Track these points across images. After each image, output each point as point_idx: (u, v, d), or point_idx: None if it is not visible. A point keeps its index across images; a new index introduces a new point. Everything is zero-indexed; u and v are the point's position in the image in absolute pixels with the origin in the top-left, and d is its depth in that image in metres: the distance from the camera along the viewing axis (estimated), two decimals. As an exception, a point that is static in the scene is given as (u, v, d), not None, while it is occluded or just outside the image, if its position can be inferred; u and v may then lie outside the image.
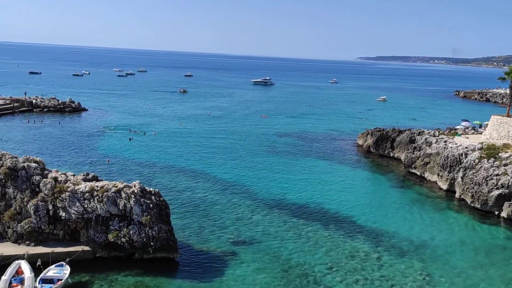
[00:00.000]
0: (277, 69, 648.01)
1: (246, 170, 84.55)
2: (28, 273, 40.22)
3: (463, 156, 78.11)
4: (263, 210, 63.39)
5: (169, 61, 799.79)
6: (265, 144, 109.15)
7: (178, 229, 53.12)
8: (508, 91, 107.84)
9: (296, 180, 79.55)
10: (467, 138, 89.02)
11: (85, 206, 47.08)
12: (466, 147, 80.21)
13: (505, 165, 70.48)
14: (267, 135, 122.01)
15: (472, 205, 69.54)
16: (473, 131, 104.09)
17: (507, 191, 66.50)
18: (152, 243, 46.13)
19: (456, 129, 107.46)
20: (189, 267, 46.18)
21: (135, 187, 49.18)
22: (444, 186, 78.56)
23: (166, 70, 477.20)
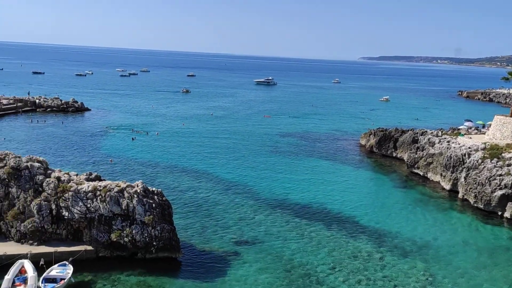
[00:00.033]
0: (279, 69, 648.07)
1: (248, 170, 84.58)
2: (31, 272, 40.36)
3: (466, 156, 77.91)
4: (266, 210, 63.38)
5: (172, 61, 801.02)
6: (268, 144, 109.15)
7: (180, 228, 53.16)
8: (511, 91, 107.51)
9: (299, 180, 79.52)
10: (470, 138, 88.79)
11: (88, 205, 47.19)
12: (469, 147, 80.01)
13: (509, 165, 70.24)
14: (270, 135, 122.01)
15: (475, 205, 69.38)
16: (476, 131, 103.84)
17: (510, 191, 66.29)
18: (154, 243, 46.19)
19: (459, 129, 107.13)
20: (192, 267, 46.20)
21: (137, 186, 49.25)
22: (447, 186, 78.40)
23: (168, 70, 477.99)
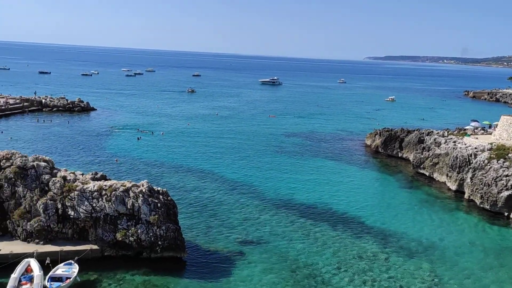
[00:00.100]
0: (285, 69, 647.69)
1: (254, 170, 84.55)
2: (37, 271, 40.57)
3: (472, 156, 77.48)
4: (271, 210, 63.33)
5: (177, 61, 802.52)
6: (273, 144, 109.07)
7: (185, 228, 53.24)
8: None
9: (304, 180, 79.39)
10: (477, 138, 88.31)
11: (94, 205, 47.36)
12: (476, 148, 79.56)
13: (515, 166, 69.78)
14: (275, 135, 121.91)
15: (481, 206, 68.98)
16: (482, 131, 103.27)
17: (517, 192, 65.84)
18: (159, 242, 46.28)
19: (465, 129, 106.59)
20: (197, 266, 46.24)
21: (143, 186, 49.36)
22: (453, 187, 78.00)
23: (174, 70, 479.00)
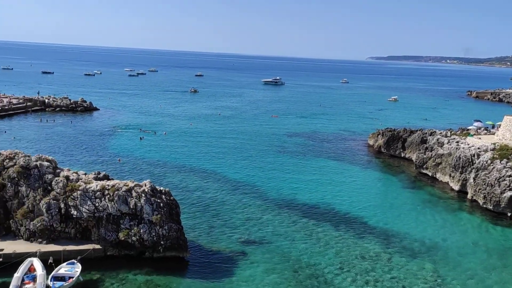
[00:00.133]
0: (287, 69, 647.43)
1: (256, 170, 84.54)
2: (40, 270, 40.68)
3: (475, 156, 77.28)
4: (273, 210, 63.30)
5: (180, 61, 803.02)
6: (276, 144, 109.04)
7: (188, 228, 53.27)
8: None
9: (307, 181, 79.33)
10: (480, 138, 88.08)
11: (96, 204, 47.44)
12: (479, 148, 79.35)
13: (519, 166, 69.56)
14: (278, 135, 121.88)
15: (485, 206, 68.79)
16: (485, 131, 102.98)
17: (520, 192, 65.62)
18: (162, 242, 46.32)
19: (468, 129, 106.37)
20: (199, 266, 46.26)
21: (145, 186, 49.42)
22: (456, 187, 77.80)
23: (176, 70, 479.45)
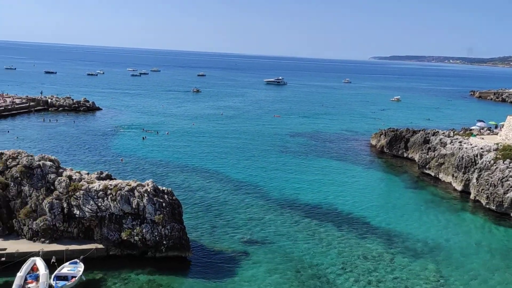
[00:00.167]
0: (289, 69, 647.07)
1: (259, 170, 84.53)
2: (43, 270, 40.77)
3: (478, 157, 77.08)
4: (276, 211, 63.28)
5: (182, 60, 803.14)
6: (278, 144, 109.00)
7: (190, 228, 53.32)
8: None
9: (309, 181, 79.28)
10: (483, 138, 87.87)
11: (99, 204, 47.52)
12: (481, 148, 79.15)
13: (522, 166, 69.35)
14: (280, 135, 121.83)
15: (487, 206, 68.62)
16: (488, 131, 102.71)
17: (523, 193, 65.43)
18: (164, 242, 46.37)
19: (471, 129, 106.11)
20: (201, 266, 46.29)
21: (148, 186, 49.47)
22: (459, 187, 77.63)
23: (179, 69, 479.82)
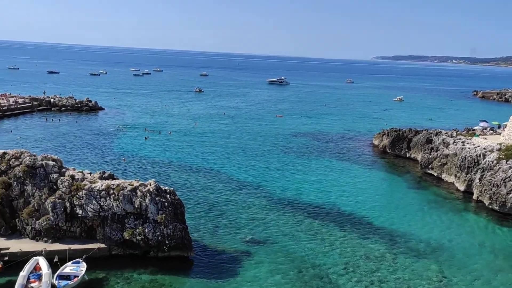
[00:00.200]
0: (292, 69, 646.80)
1: (261, 170, 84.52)
2: (46, 269, 40.87)
3: (481, 157, 76.89)
4: (278, 211, 63.26)
5: (184, 60, 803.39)
6: (280, 144, 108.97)
7: (192, 228, 53.33)
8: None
9: (311, 181, 79.22)
10: (485, 139, 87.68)
11: (102, 204, 47.59)
12: (484, 148, 78.96)
13: (525, 166, 69.14)
14: (282, 135, 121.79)
15: (490, 207, 68.45)
16: (491, 131, 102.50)
17: (527, 193, 65.24)
18: (167, 242, 46.41)
19: (474, 129, 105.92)
20: (203, 266, 46.30)
21: (150, 185, 49.51)
22: (462, 188, 77.46)
23: (181, 69, 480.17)
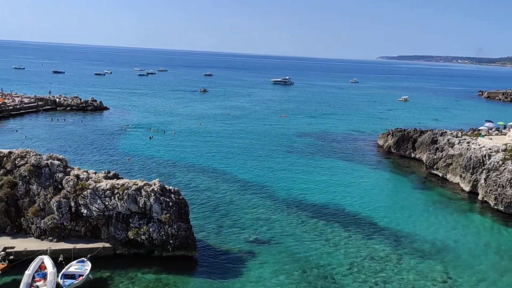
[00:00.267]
0: (296, 69, 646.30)
1: (265, 170, 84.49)
2: (51, 268, 41.02)
3: (487, 157, 76.52)
4: (283, 211, 63.22)
5: (189, 60, 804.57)
6: (285, 144, 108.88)
7: (197, 227, 53.40)
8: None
9: (316, 181, 79.11)
10: (491, 139, 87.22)
11: (106, 203, 47.74)
12: (490, 149, 78.58)
13: (531, 167, 68.77)
14: (287, 135, 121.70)
15: (495, 207, 68.12)
16: (497, 132, 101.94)
17: (532, 194, 64.89)
18: (171, 241, 46.49)
19: (479, 130, 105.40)
20: (208, 266, 46.34)
21: (155, 185, 49.61)
22: (467, 188, 77.11)
23: (186, 69, 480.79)
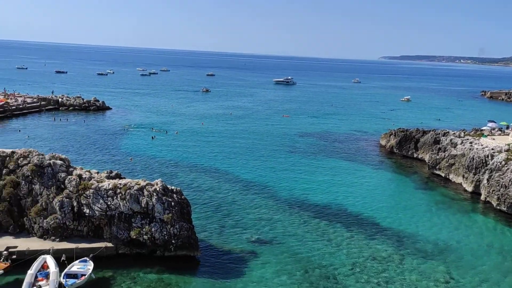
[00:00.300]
0: (299, 69, 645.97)
1: (268, 170, 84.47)
2: (53, 267, 41.13)
3: (489, 157, 76.34)
4: (285, 211, 63.20)
5: (191, 60, 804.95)
6: (287, 144, 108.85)
7: (199, 227, 53.42)
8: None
9: (318, 181, 79.07)
10: (494, 139, 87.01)
11: (109, 203, 47.81)
12: (492, 149, 78.39)
13: (534, 167, 68.59)
14: (289, 135, 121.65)
15: (498, 208, 67.96)
16: (499, 132, 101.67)
17: (535, 194, 64.71)
18: (173, 241, 46.52)
19: (482, 130, 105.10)
20: (210, 266, 46.36)
21: (157, 185, 49.66)
22: (469, 188, 76.95)
23: (188, 69, 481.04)
